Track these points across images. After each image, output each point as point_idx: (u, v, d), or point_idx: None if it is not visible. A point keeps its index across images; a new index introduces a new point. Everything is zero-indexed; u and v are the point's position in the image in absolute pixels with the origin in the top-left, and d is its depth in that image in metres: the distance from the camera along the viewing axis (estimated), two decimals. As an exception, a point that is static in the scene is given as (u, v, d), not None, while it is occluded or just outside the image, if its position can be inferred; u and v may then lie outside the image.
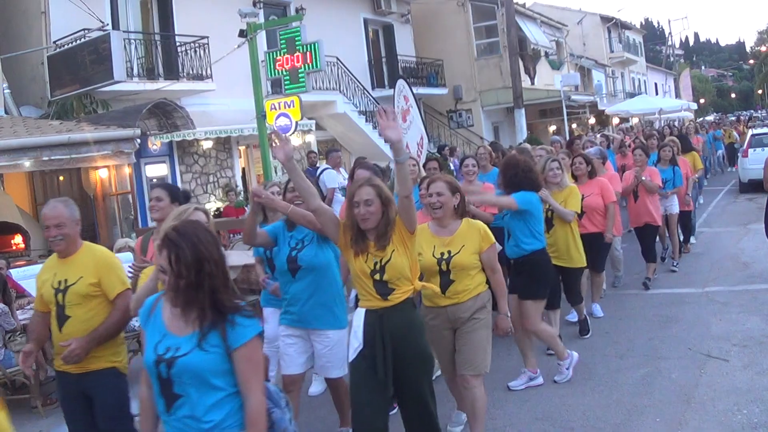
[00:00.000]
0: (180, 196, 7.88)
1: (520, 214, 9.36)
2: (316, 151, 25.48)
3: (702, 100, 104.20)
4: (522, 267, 9.48)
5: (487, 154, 13.64)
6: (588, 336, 11.45)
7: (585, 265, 11.23)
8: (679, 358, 10.09)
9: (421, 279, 7.14)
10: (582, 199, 11.51)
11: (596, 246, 12.18)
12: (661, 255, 16.34)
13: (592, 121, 47.42)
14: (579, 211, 11.10)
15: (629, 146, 19.22)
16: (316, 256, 7.68)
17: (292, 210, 7.51)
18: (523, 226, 9.39)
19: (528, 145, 17.83)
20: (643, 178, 14.43)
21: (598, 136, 22.13)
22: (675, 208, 16.09)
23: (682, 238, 17.23)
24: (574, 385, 9.40)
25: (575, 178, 12.45)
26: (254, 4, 26.87)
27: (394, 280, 6.43)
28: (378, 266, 6.43)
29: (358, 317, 6.62)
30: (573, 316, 12.11)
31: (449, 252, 7.48)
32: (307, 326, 7.75)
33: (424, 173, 11.52)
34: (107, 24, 21.56)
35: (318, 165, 20.62)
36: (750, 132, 33.18)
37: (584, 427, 8.13)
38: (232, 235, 18.35)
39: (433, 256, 7.51)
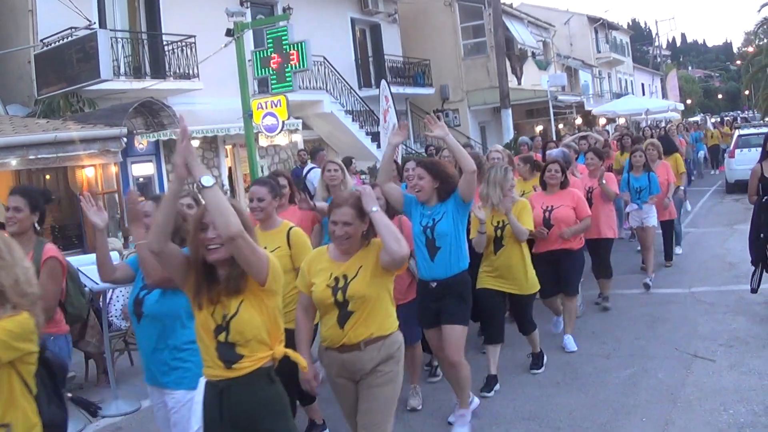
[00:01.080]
0: (41, 203, 7.20)
1: (461, 224, 8.18)
2: (304, 150, 25.50)
3: (689, 101, 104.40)
4: (449, 289, 8.06)
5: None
6: (540, 371, 9.96)
7: (537, 289, 9.65)
8: (665, 358, 10.12)
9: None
10: (551, 211, 10.75)
11: (566, 264, 10.85)
12: (644, 282, 14.37)
13: (578, 121, 47.42)
14: (532, 229, 9.55)
15: (611, 146, 18.80)
16: (160, 303, 6.26)
17: (139, 245, 6.29)
18: (461, 239, 8.19)
19: (498, 147, 16.81)
20: (603, 181, 12.84)
21: (570, 138, 20.64)
22: (652, 220, 14.67)
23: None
24: (561, 385, 9.43)
25: (544, 186, 11.21)
26: (241, 4, 26.83)
27: (243, 343, 5.07)
28: (223, 322, 5.08)
29: (200, 390, 5.32)
30: (555, 329, 11.66)
31: (345, 278, 6.07)
32: (155, 383, 6.40)
33: (350, 181, 10.79)
34: (94, 23, 21.52)
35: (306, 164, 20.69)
36: (737, 132, 33.18)
37: (571, 426, 8.14)
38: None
39: (327, 286, 6.07)
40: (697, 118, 73.87)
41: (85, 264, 9.25)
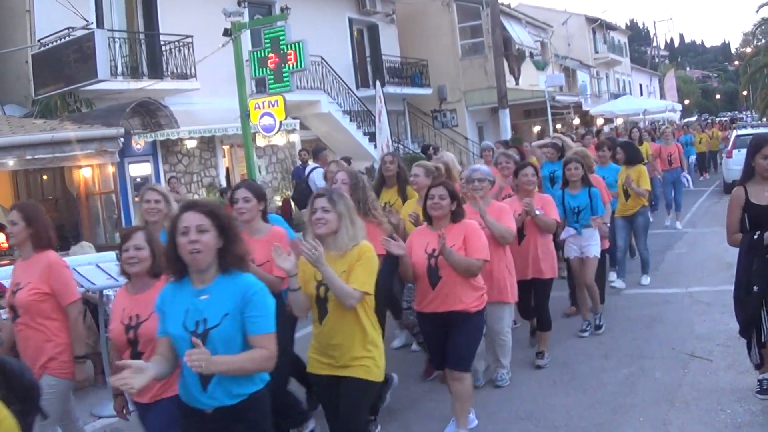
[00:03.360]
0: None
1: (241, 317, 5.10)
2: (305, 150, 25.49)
3: (687, 101, 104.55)
4: (236, 416, 5.10)
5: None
6: None
7: (380, 379, 6.60)
8: (662, 357, 10.13)
9: None
10: (438, 257, 7.71)
11: (457, 332, 7.84)
12: (581, 328, 11.65)
13: (576, 121, 47.51)
14: (369, 291, 6.31)
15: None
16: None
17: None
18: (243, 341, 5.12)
19: (430, 162, 11.49)
20: (537, 211, 9.96)
21: (537, 144, 17.29)
22: (594, 249, 11.56)
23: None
24: (558, 385, 9.43)
25: (429, 219, 8.01)
26: (239, 4, 26.80)
27: None
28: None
29: None
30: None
31: None
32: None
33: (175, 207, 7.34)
34: (92, 23, 21.45)
35: (308, 163, 20.73)
36: (735, 133, 33.13)
37: (568, 426, 8.15)
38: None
39: None
40: (694, 118, 73.74)
41: (83, 264, 9.24)
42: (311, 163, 20.29)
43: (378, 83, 19.58)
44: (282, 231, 7.88)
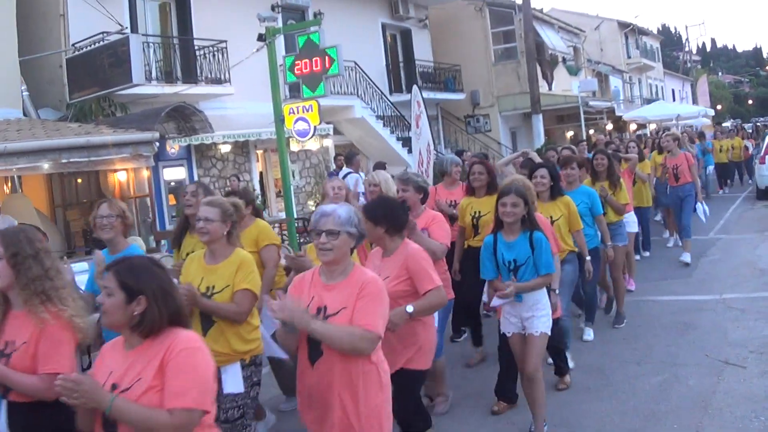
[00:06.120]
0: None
1: None
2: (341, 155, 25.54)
3: (719, 107, 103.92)
4: None
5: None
6: None
7: None
8: (696, 364, 10.08)
9: None
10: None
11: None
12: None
13: (609, 127, 47.38)
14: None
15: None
16: None
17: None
18: None
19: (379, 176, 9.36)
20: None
21: (506, 160, 15.11)
22: (541, 323, 7.97)
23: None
24: (592, 392, 9.40)
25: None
26: (273, 9, 26.87)
27: None
28: None
29: None
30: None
31: None
32: None
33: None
34: (126, 27, 21.63)
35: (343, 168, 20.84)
36: (768, 139, 32.74)
37: (601, 432, 8.13)
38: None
39: None
40: (728, 123, 72.84)
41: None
42: (345, 169, 20.37)
43: (416, 87, 19.50)
44: None
